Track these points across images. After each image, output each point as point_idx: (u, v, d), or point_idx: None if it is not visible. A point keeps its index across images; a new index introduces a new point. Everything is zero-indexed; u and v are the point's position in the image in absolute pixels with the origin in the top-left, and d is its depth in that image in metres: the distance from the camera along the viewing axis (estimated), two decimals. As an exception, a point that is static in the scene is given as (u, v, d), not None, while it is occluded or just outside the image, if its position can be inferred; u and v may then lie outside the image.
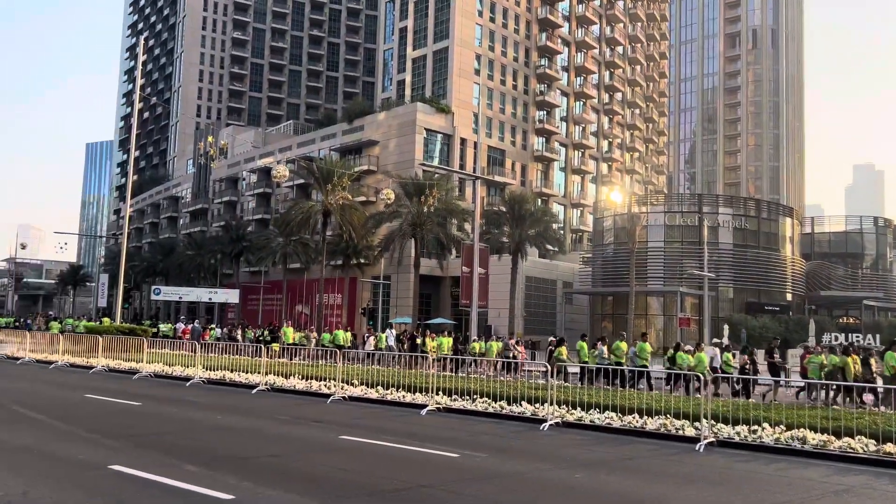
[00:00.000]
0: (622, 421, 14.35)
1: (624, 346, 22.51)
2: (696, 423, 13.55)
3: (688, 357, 20.78)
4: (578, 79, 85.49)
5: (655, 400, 15.29)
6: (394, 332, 36.26)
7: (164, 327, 46.52)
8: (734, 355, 22.51)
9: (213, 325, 48.48)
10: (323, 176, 53.21)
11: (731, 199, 61.72)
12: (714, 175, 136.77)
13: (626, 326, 47.87)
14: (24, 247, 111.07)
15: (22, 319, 67.36)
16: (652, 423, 13.97)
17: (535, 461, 11.11)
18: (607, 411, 14.79)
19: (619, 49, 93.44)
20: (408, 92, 75.78)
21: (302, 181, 68.01)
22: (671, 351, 22.89)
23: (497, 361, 25.27)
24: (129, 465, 9.51)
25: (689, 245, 54.16)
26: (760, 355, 24.61)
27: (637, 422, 14.17)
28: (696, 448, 12.66)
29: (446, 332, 36.22)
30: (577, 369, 22.61)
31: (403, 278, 61.24)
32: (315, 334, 37.27)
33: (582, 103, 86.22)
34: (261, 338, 35.69)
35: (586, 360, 22.14)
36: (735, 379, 20.02)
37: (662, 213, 55.85)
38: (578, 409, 15.14)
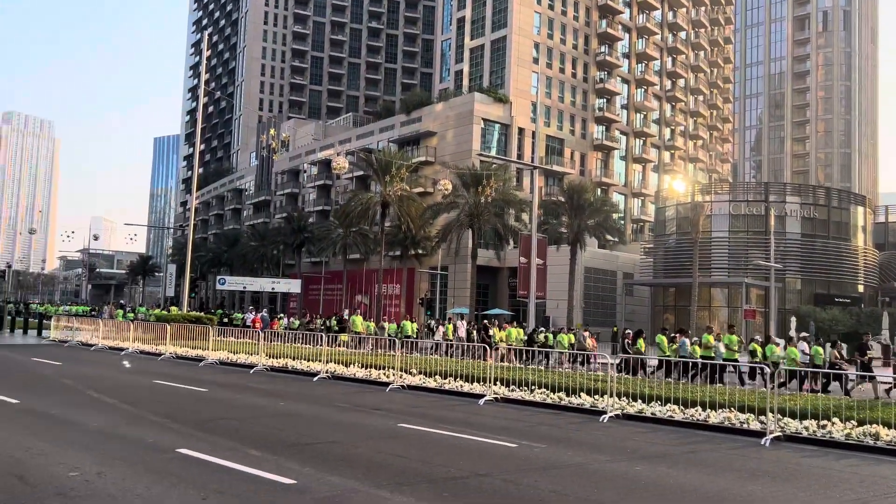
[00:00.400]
0: (684, 414, 14.08)
1: (712, 338, 22.24)
2: (762, 417, 13.20)
3: (777, 350, 20.35)
4: (640, 65, 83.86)
5: (719, 393, 14.94)
6: (464, 322, 36.13)
7: (237, 315, 48.04)
8: (823, 349, 21.74)
9: (281, 315, 49.51)
10: (381, 167, 53.61)
11: (800, 187, 59.71)
12: (781, 163, 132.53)
13: (688, 318, 46.90)
14: (96, 238, 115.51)
15: (96, 308, 70.04)
16: (715, 417, 13.67)
17: (595, 452, 11.01)
18: (669, 404, 14.54)
19: (682, 34, 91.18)
20: (465, 82, 75.64)
21: (361, 173, 68.73)
22: (754, 345, 22.57)
23: (569, 353, 25.24)
24: (196, 449, 9.81)
25: (755, 235, 52.70)
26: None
27: (700, 415, 13.88)
28: (762, 442, 12.35)
29: (515, 323, 35.97)
30: (656, 362, 22.43)
31: (461, 269, 61.34)
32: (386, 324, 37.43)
33: (643, 90, 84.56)
34: (330, 326, 36.12)
35: (666, 352, 22.00)
36: (824, 374, 19.10)
37: (727, 202, 54.42)
38: (639, 401, 14.93)
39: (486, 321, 37.13)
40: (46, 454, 9.27)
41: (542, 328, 30.61)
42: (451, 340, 29.47)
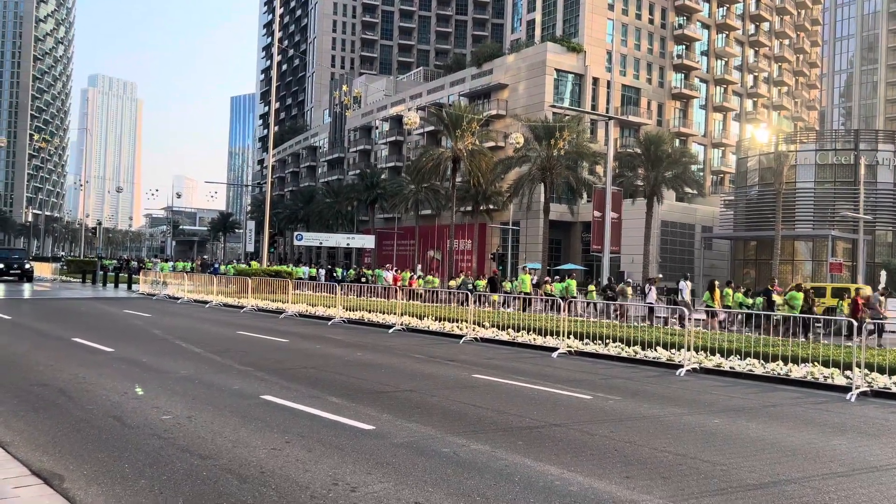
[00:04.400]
0: (765, 368, 13.75)
1: (800, 296, 21.85)
2: (847, 372, 12.77)
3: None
4: (721, 9, 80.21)
5: (802, 347, 14.50)
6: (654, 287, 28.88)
7: (378, 273, 41.62)
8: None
9: (420, 273, 45.78)
10: (452, 122, 53.40)
11: (894, 134, 56.31)
12: (873, 109, 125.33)
13: (770, 272, 45.48)
14: (179, 196, 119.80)
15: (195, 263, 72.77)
16: (797, 371, 13.31)
17: (671, 405, 10.90)
18: (748, 358, 14.22)
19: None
20: (538, 32, 74.06)
21: (432, 128, 68.67)
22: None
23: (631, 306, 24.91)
24: (279, 396, 10.19)
25: (842, 185, 50.34)
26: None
27: (781, 369, 13.54)
28: (847, 398, 11.98)
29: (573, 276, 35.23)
30: (724, 315, 22.09)
31: (532, 224, 60.97)
32: (546, 282, 32.50)
33: (724, 35, 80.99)
34: (475, 286, 33.57)
35: (729, 305, 21.72)
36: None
37: (813, 152, 52.01)
38: (717, 355, 14.65)
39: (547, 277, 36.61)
40: (140, 398, 9.81)
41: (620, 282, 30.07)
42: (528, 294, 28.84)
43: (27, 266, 46.14)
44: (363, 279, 39.08)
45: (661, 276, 41.28)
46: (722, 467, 7.31)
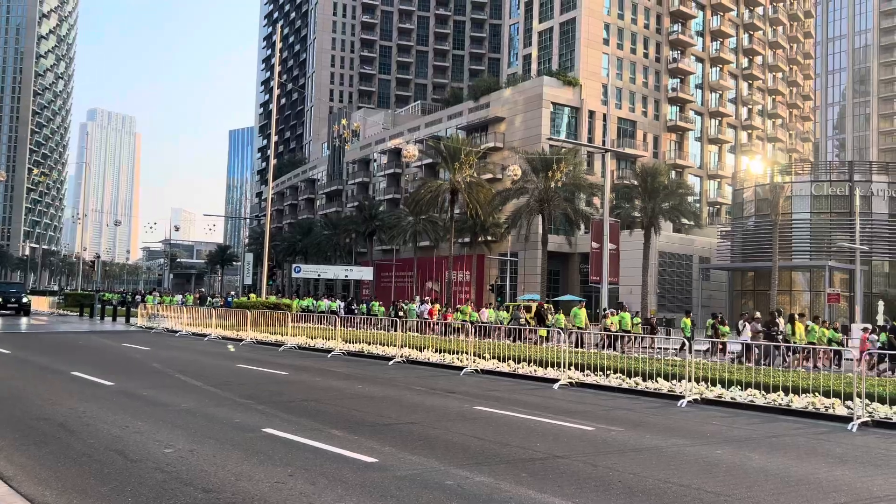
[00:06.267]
0: (766, 399, 13.75)
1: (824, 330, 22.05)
2: (848, 402, 12.78)
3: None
4: (714, 43, 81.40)
5: (802, 377, 14.53)
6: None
7: (411, 307, 38.27)
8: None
9: (458, 307, 41.82)
10: (450, 154, 53.79)
11: (888, 165, 56.84)
12: (866, 141, 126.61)
13: (768, 303, 45.51)
14: (177, 229, 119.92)
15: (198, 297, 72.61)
16: (799, 402, 13.31)
17: (674, 436, 10.88)
18: (749, 388, 14.22)
19: (759, 10, 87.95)
20: (534, 66, 74.97)
21: (430, 160, 69.14)
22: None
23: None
24: (280, 429, 10.17)
25: (838, 216, 50.66)
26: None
27: (782, 400, 13.54)
28: (849, 428, 11.97)
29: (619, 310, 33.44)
30: (738, 347, 22.12)
31: (531, 255, 61.10)
32: (552, 315, 31.66)
33: (718, 69, 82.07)
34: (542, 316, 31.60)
35: (813, 341, 21.90)
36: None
37: (809, 183, 52.42)
38: (718, 385, 14.65)
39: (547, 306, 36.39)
40: (142, 432, 9.78)
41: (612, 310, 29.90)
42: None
43: (24, 300, 46.08)
44: (401, 313, 35.96)
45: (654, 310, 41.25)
46: (725, 498, 7.30)
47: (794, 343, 21.16)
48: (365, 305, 43.50)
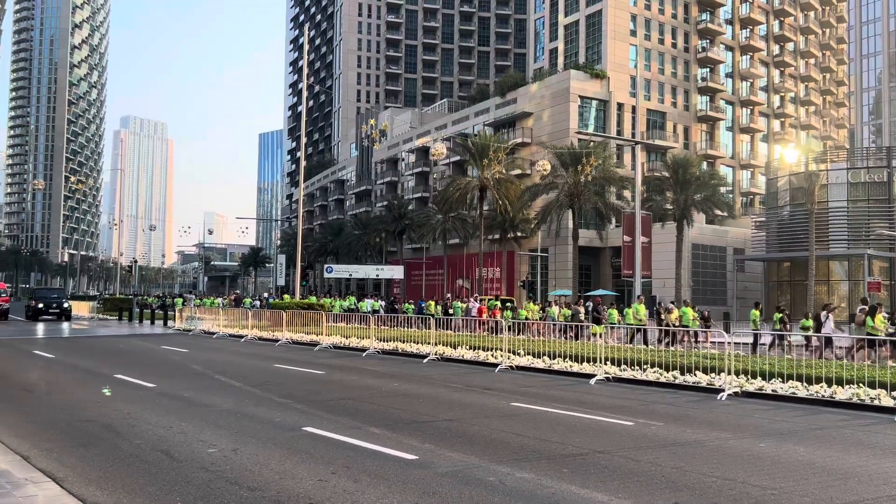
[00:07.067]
0: (808, 391, 13.52)
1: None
2: (894, 393, 12.52)
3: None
4: (744, 31, 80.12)
5: (846, 369, 14.25)
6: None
7: (457, 305, 37.74)
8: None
9: (498, 302, 39.99)
10: (477, 151, 53.73)
11: (927, 150, 55.50)
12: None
13: (805, 294, 44.76)
14: (210, 232, 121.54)
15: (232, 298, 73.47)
16: (842, 393, 13.07)
17: (715, 430, 10.76)
18: (791, 380, 14.00)
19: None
20: (560, 60, 74.53)
21: (458, 158, 69.10)
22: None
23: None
24: (320, 428, 10.27)
25: (876, 203, 49.63)
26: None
27: (825, 391, 13.30)
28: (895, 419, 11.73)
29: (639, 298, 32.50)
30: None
31: (561, 250, 60.80)
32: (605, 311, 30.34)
33: (749, 57, 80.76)
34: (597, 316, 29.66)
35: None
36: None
37: (845, 170, 51.38)
38: (758, 378, 14.45)
39: (595, 301, 36.22)
40: (185, 432, 9.94)
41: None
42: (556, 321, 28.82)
43: (66, 305, 47.04)
44: (451, 311, 35.61)
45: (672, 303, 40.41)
46: (772, 491, 7.20)
47: (882, 336, 19.31)
48: (414, 305, 41.99)
